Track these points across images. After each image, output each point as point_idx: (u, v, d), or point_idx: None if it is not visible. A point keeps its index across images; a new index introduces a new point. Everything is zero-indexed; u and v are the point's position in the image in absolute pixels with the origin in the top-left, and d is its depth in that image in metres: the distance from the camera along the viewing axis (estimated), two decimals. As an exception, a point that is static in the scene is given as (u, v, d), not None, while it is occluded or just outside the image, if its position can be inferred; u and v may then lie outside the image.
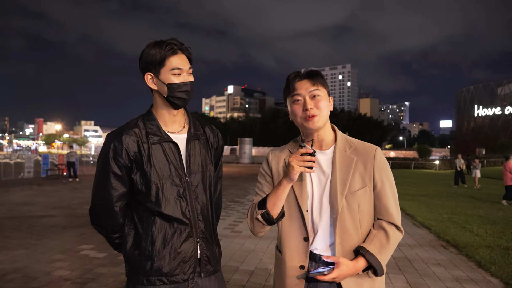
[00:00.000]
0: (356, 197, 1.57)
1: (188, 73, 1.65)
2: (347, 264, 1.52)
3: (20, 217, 8.53)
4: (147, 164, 1.60)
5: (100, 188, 1.64)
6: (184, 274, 1.61)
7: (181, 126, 1.72)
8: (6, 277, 4.47)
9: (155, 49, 1.60)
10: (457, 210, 10.51)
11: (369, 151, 1.63)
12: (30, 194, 12.85)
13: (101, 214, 1.66)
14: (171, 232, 1.60)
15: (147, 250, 1.59)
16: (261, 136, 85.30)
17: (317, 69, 1.66)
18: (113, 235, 1.70)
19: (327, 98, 1.62)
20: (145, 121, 1.66)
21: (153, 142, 1.62)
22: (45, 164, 21.28)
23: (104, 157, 1.62)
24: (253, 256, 5.58)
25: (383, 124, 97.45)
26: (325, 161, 1.63)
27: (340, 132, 1.70)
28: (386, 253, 1.58)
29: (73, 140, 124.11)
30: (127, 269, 1.66)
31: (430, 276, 4.83)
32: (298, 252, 1.61)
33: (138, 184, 1.61)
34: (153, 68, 1.62)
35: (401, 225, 1.64)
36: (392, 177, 1.66)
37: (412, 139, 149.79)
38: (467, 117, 79.62)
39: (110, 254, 5.54)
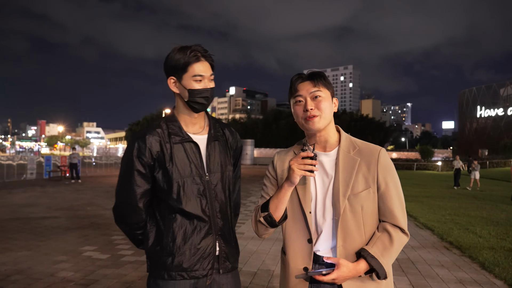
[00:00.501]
0: (359, 199, 1.55)
1: (209, 80, 1.71)
2: (347, 266, 1.50)
3: (23, 218, 8.55)
4: (169, 163, 1.67)
5: (124, 185, 1.71)
6: (204, 269, 1.67)
7: (201, 127, 1.79)
8: (9, 279, 4.47)
9: (180, 54, 1.67)
10: (460, 212, 10.48)
11: (373, 152, 1.61)
12: (33, 196, 12.88)
13: (125, 211, 1.73)
14: (191, 228, 1.67)
15: (168, 246, 1.66)
16: (263, 137, 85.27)
17: (320, 70, 1.66)
18: (137, 231, 1.76)
19: (329, 100, 1.61)
20: (168, 122, 1.74)
21: (175, 142, 1.69)
22: (48, 165, 21.34)
23: (129, 156, 1.69)
24: (255, 257, 5.58)
25: (385, 125, 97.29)
26: (329, 162, 1.62)
27: (345, 133, 1.69)
28: (389, 256, 1.55)
29: (75, 141, 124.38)
30: (149, 265, 1.73)
31: (434, 278, 4.81)
32: (301, 254, 1.61)
33: (160, 182, 1.68)
34: (176, 73, 1.69)
35: (407, 227, 1.60)
36: (397, 178, 1.63)
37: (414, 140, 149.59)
38: (469, 118, 79.43)
39: (113, 255, 5.54)
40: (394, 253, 1.57)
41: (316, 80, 1.61)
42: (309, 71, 1.66)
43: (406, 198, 10.11)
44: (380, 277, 1.52)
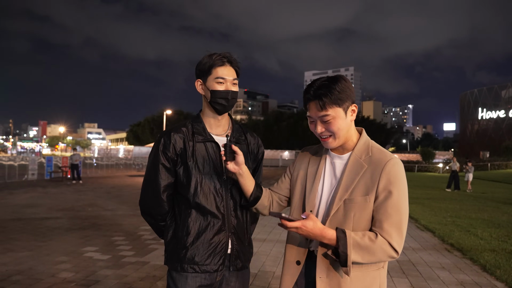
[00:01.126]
0: (353, 205, 1.53)
1: (232, 83, 1.81)
2: (315, 223, 1.46)
3: (24, 219, 8.56)
4: (190, 159, 1.79)
5: (150, 177, 1.83)
6: (215, 265, 1.75)
7: (224, 130, 1.90)
8: (11, 279, 4.48)
9: (207, 59, 1.80)
10: (461, 214, 10.46)
11: (382, 160, 1.54)
12: (34, 196, 12.90)
13: (150, 203, 1.84)
14: (205, 224, 1.76)
15: (182, 240, 1.77)
16: (264, 138, 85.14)
17: (333, 77, 1.55)
18: (161, 223, 1.88)
19: (341, 117, 1.54)
20: (193, 123, 1.87)
21: (197, 141, 1.81)
22: (49, 166, 21.36)
23: (155, 150, 1.82)
24: (256, 259, 5.58)
25: (387, 127, 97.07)
26: (340, 165, 1.63)
27: (365, 138, 1.64)
28: (361, 253, 1.45)
29: (76, 142, 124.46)
30: (166, 257, 1.84)
31: (435, 280, 4.81)
32: (297, 249, 1.67)
33: (181, 177, 1.80)
34: (202, 76, 1.83)
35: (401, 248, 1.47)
36: (402, 192, 1.51)
37: (415, 142, 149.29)
38: (471, 120, 79.29)
39: (114, 256, 5.55)
40: (368, 254, 1.45)
41: (322, 101, 1.51)
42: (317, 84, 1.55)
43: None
44: (341, 262, 1.45)
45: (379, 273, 1.57)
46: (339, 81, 1.54)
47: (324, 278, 1.54)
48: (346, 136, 1.61)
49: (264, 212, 1.83)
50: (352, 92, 1.57)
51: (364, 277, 1.53)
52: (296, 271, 1.64)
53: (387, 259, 1.49)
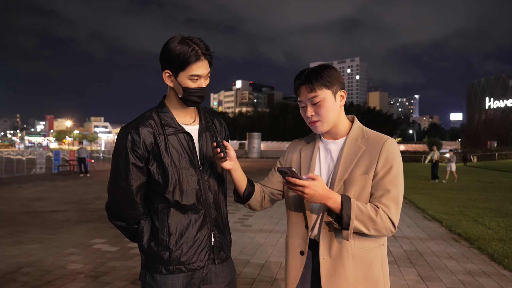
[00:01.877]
0: (353, 183, 1.55)
1: (205, 79, 1.66)
2: (323, 185, 1.46)
3: (33, 212, 8.65)
4: (164, 155, 1.63)
5: (119, 180, 1.65)
6: (201, 261, 1.67)
7: (192, 118, 1.76)
8: (21, 271, 4.54)
9: (180, 49, 1.58)
10: (469, 203, 10.42)
11: (379, 140, 1.59)
12: (42, 190, 13.02)
13: (122, 207, 1.67)
14: (186, 222, 1.65)
15: (164, 241, 1.64)
16: (270, 130, 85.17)
17: (322, 64, 1.62)
18: (135, 226, 1.72)
19: (330, 100, 1.59)
20: (159, 113, 1.69)
21: (169, 133, 1.65)
22: (57, 160, 21.55)
23: (122, 149, 1.63)
24: (263, 249, 5.60)
25: (393, 118, 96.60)
26: (336, 150, 1.66)
27: (358, 123, 1.68)
28: (363, 220, 1.48)
29: (83, 136, 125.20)
30: (143, 260, 1.70)
31: (442, 269, 4.80)
32: (299, 239, 1.66)
33: (155, 175, 1.64)
34: (173, 68, 1.62)
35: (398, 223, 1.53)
36: (399, 169, 1.56)
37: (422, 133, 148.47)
38: (478, 110, 78.62)
39: (122, 248, 5.60)
40: (369, 222, 1.48)
41: (312, 83, 1.57)
42: (310, 68, 1.63)
43: (414, 190, 10.06)
44: (343, 224, 1.47)
45: (380, 250, 1.60)
46: (328, 68, 1.61)
47: (328, 258, 1.56)
48: (336, 121, 1.64)
49: (257, 208, 1.81)
50: (341, 79, 1.63)
51: (366, 255, 1.56)
52: (301, 261, 1.65)
53: (385, 232, 1.52)
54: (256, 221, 7.79)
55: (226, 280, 1.75)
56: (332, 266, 1.55)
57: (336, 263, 1.55)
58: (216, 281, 1.73)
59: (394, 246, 5.92)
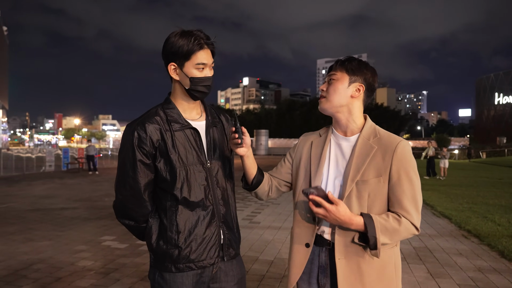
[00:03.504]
0: (367, 186, 1.55)
1: (210, 68, 1.66)
2: (345, 210, 1.47)
3: (43, 209, 8.74)
4: (171, 151, 1.61)
5: (127, 178, 1.64)
6: (211, 258, 1.65)
7: (198, 113, 1.75)
8: (32, 267, 4.59)
9: (182, 40, 1.59)
10: (478, 200, 10.33)
11: (392, 142, 1.58)
12: (52, 187, 13.15)
13: (130, 205, 1.67)
14: (194, 219, 1.63)
15: (173, 239, 1.62)
16: (277, 127, 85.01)
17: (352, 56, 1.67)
18: (143, 224, 1.71)
19: (343, 83, 1.62)
20: (165, 109, 1.68)
21: (175, 129, 1.64)
22: (65, 158, 21.72)
23: (129, 146, 1.62)
24: (272, 246, 5.61)
25: (400, 114, 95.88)
26: (347, 147, 1.66)
27: (370, 122, 1.68)
28: (388, 234, 1.50)
29: (91, 134, 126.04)
30: (152, 258, 1.69)
31: (452, 266, 4.77)
32: (305, 231, 1.67)
33: (162, 172, 1.63)
34: (178, 60, 1.62)
35: (419, 225, 1.54)
36: (413, 173, 1.57)
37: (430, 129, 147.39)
38: (487, 106, 77.79)
39: (131, 245, 5.64)
40: (395, 235, 1.51)
41: (337, 64, 1.66)
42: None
43: (423, 187, 9.91)
44: (370, 246, 1.49)
45: (393, 251, 1.62)
46: (362, 61, 1.67)
47: (343, 259, 1.57)
48: (344, 110, 1.64)
49: (263, 197, 1.82)
50: (368, 77, 1.64)
51: (381, 256, 1.56)
52: (306, 253, 1.65)
53: (409, 236, 1.55)
54: (264, 218, 7.80)
55: (236, 278, 1.74)
56: (348, 267, 1.56)
57: (351, 264, 1.56)
58: (226, 280, 1.71)
59: (403, 242, 5.89)
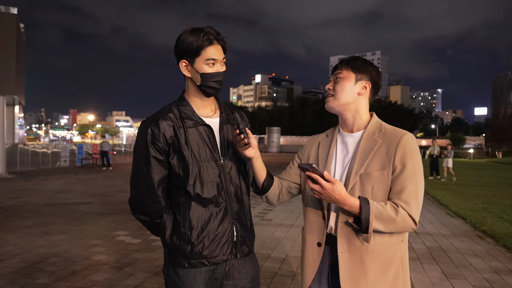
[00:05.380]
0: (370, 179, 1.55)
1: (221, 63, 1.67)
2: (340, 190, 1.45)
3: (58, 204, 8.88)
4: (184, 148, 1.63)
5: (141, 174, 1.67)
6: (223, 255, 1.66)
7: (212, 110, 1.75)
8: (48, 261, 4.68)
9: (192, 37, 1.61)
10: (494, 200, 10.17)
11: (397, 135, 1.58)
12: (67, 182, 13.35)
13: (144, 201, 1.69)
14: (207, 215, 1.64)
15: (186, 235, 1.64)
16: (289, 125, 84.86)
17: (357, 55, 1.70)
18: (158, 220, 1.72)
19: (349, 81, 1.63)
20: (179, 106, 1.70)
21: (188, 126, 1.65)
22: (80, 153, 22.02)
23: (143, 143, 1.65)
24: (284, 244, 5.61)
25: (415, 112, 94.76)
26: (352, 143, 1.66)
27: (376, 118, 1.69)
28: (382, 221, 1.46)
29: (105, 130, 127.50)
30: (166, 254, 1.71)
31: (467, 267, 4.71)
32: (317, 229, 1.67)
33: (176, 168, 1.65)
34: (189, 56, 1.64)
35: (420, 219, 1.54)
36: (417, 164, 1.54)
37: (444, 127, 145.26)
38: (504, 104, 76.35)
39: (144, 240, 5.69)
40: (389, 222, 1.47)
41: (343, 63, 1.67)
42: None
43: (437, 186, 9.84)
44: (362, 228, 1.46)
45: (399, 247, 1.59)
46: (366, 60, 1.68)
47: (346, 253, 1.56)
48: (351, 108, 1.65)
49: (274, 200, 1.81)
50: (374, 75, 1.67)
51: (385, 250, 1.56)
52: (318, 253, 1.65)
53: (406, 229, 1.51)
54: (276, 215, 7.80)
55: (249, 276, 1.74)
56: (351, 261, 1.55)
57: (354, 258, 1.55)
58: (239, 277, 1.71)
59: (416, 242, 5.83)
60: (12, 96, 17.06)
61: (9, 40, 15.63)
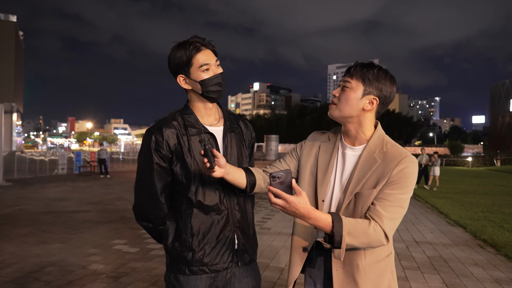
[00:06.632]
0: (363, 198, 1.52)
1: (216, 66, 1.68)
2: (305, 203, 1.35)
3: (55, 212, 8.80)
4: (187, 155, 1.65)
5: (144, 181, 1.69)
6: (224, 262, 1.67)
7: (216, 119, 1.76)
8: (44, 270, 4.61)
9: (180, 51, 1.64)
10: (494, 209, 10.13)
11: (396, 157, 1.52)
12: (64, 190, 13.26)
13: (148, 208, 1.71)
14: (209, 222, 1.65)
15: (187, 242, 1.65)
16: (287, 133, 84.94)
17: (371, 62, 1.58)
18: (160, 227, 1.74)
19: (356, 92, 1.54)
20: (183, 115, 1.72)
21: (192, 134, 1.67)
22: (78, 161, 21.92)
23: (146, 150, 1.67)
24: (283, 253, 5.55)
25: (413, 120, 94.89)
26: (353, 157, 1.61)
27: (379, 132, 1.61)
28: (356, 236, 1.41)
29: (103, 137, 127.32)
30: (168, 260, 1.72)
31: (468, 277, 4.66)
32: (304, 236, 1.65)
33: (178, 175, 1.67)
34: (183, 70, 1.67)
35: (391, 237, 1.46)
36: (406, 188, 1.49)
37: (443, 136, 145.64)
38: (502, 112, 76.67)
39: (142, 249, 5.63)
40: (363, 236, 1.41)
41: (355, 69, 1.57)
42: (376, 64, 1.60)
43: (436, 194, 9.87)
44: (335, 243, 1.39)
45: (389, 259, 1.60)
46: (382, 70, 1.57)
47: (340, 270, 1.56)
48: (355, 121, 1.58)
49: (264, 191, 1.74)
50: (383, 90, 1.56)
51: (376, 266, 1.55)
52: (302, 257, 1.64)
53: (379, 243, 1.46)
54: (275, 224, 7.74)
55: (250, 285, 1.73)
56: (345, 279, 1.55)
57: (348, 276, 1.55)
58: (240, 286, 1.71)
59: (417, 251, 5.78)
60: (10, 103, 17.04)
61: (8, 47, 15.67)
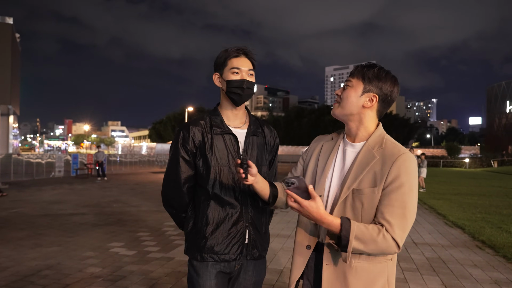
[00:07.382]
0: (361, 196, 1.51)
1: (247, 74, 1.85)
2: (318, 208, 1.40)
3: (52, 215, 8.74)
4: (209, 151, 1.83)
5: (171, 170, 1.90)
6: (233, 254, 1.82)
7: (242, 123, 1.93)
8: (40, 273, 4.56)
9: (224, 52, 1.87)
10: (491, 210, 10.14)
11: (394, 153, 1.51)
12: (61, 193, 13.19)
13: (171, 195, 1.92)
14: (223, 215, 1.82)
15: (202, 230, 1.83)
16: (285, 135, 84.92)
17: (373, 63, 1.62)
18: (182, 214, 1.95)
19: (356, 90, 1.58)
20: (211, 116, 1.91)
21: (216, 133, 1.85)
22: (75, 163, 21.83)
23: (175, 144, 1.88)
24: (281, 255, 5.52)
25: (410, 122, 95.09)
26: (352, 153, 1.62)
27: (380, 131, 1.62)
28: (364, 242, 1.40)
29: (100, 140, 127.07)
30: (186, 247, 1.91)
31: (467, 278, 4.64)
32: (307, 233, 1.66)
33: (200, 169, 1.86)
34: (219, 69, 1.89)
35: (403, 244, 1.45)
36: (409, 187, 1.47)
37: (440, 137, 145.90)
38: (498, 114, 77.03)
39: (139, 252, 5.59)
40: (371, 243, 1.41)
41: (356, 70, 1.62)
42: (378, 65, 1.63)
43: (434, 196, 9.85)
44: (341, 246, 1.41)
45: (387, 265, 1.54)
46: (382, 70, 1.60)
47: (331, 265, 1.55)
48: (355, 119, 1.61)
49: (283, 206, 1.81)
50: (384, 88, 1.58)
51: (370, 268, 1.52)
52: (306, 254, 1.64)
53: (389, 252, 1.45)
54: (273, 226, 7.71)
55: (253, 279, 1.89)
56: (334, 274, 1.53)
57: (338, 271, 1.53)
58: (244, 278, 1.87)
59: (415, 253, 5.77)
60: (7, 105, 16.96)
61: (4, 49, 15.60)
